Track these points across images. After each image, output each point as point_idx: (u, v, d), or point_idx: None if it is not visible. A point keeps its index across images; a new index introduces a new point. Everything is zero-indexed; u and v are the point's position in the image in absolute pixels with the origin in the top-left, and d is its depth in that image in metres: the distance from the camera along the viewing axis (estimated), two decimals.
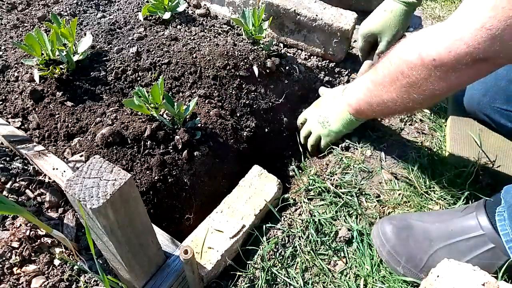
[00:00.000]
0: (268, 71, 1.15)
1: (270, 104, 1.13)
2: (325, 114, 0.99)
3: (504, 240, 0.67)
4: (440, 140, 1.05)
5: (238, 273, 0.77)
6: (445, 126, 1.09)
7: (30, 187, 0.84)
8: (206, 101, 1.01)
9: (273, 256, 0.79)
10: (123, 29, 1.17)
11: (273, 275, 0.77)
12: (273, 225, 0.84)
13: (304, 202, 0.88)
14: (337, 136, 1.00)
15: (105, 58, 1.05)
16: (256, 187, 0.87)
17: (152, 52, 1.07)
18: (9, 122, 0.96)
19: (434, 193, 0.90)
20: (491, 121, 1.01)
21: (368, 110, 0.87)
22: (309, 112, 1.07)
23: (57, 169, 0.83)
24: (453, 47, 0.62)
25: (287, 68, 1.21)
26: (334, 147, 1.02)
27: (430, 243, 0.73)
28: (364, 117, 0.93)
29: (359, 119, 0.94)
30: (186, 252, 0.60)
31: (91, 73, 1.01)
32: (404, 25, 1.10)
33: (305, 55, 1.33)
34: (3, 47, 1.12)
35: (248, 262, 0.78)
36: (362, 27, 1.17)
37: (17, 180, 0.85)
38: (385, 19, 1.09)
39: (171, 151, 0.88)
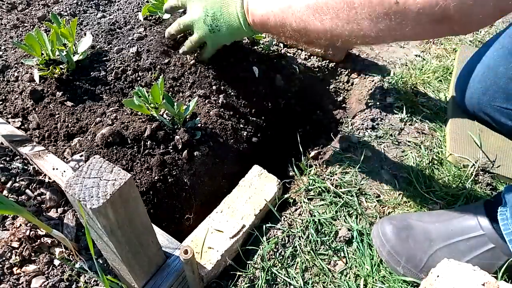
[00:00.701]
0: (268, 71, 1.15)
1: (270, 104, 1.13)
2: (215, 14, 0.79)
3: (507, 240, 0.67)
4: (440, 140, 1.05)
5: (238, 273, 0.77)
6: (445, 126, 1.09)
7: (30, 187, 0.84)
8: (206, 101, 1.01)
9: (273, 256, 0.79)
10: (123, 29, 1.17)
11: (273, 275, 0.77)
12: (273, 225, 0.84)
13: (304, 202, 0.88)
14: (225, 42, 0.84)
15: (105, 58, 1.05)
16: (256, 187, 0.87)
17: (152, 52, 1.07)
18: (9, 122, 0.96)
19: (434, 193, 0.90)
20: (491, 120, 1.01)
21: (277, 28, 0.72)
22: (192, 2, 0.84)
23: (57, 169, 0.83)
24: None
25: (287, 68, 1.21)
26: (334, 147, 1.02)
27: (430, 243, 0.73)
28: (264, 31, 0.77)
29: (256, 31, 0.79)
30: (186, 252, 0.60)
31: (91, 73, 1.01)
32: None
33: (305, 55, 1.33)
34: (3, 47, 1.12)
35: (248, 262, 0.78)
36: None
37: (17, 180, 0.85)
38: None
39: (171, 151, 0.88)
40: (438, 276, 0.53)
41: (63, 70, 1.00)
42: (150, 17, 1.21)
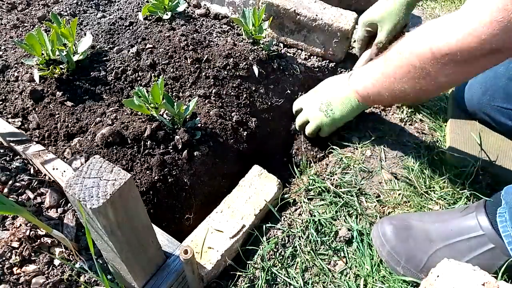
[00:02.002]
0: (268, 71, 1.15)
1: (270, 104, 1.13)
2: (328, 101, 0.97)
3: (506, 242, 0.67)
4: (440, 140, 1.05)
5: (238, 273, 0.77)
6: (445, 126, 1.09)
7: (30, 187, 0.84)
8: (206, 101, 1.01)
9: (273, 256, 0.79)
10: (123, 29, 1.17)
11: (273, 275, 0.77)
12: (273, 225, 0.84)
13: (304, 202, 0.88)
14: (340, 123, 1.00)
15: (105, 58, 1.05)
16: (256, 187, 0.87)
17: (152, 52, 1.07)
18: (9, 122, 0.96)
19: (434, 193, 0.90)
20: (491, 120, 1.01)
21: (377, 97, 0.89)
22: (307, 100, 1.04)
23: (57, 169, 0.83)
24: (465, 41, 0.62)
25: (287, 68, 1.21)
26: (334, 147, 1.02)
27: (430, 243, 0.73)
28: (371, 103, 0.95)
29: (365, 105, 0.96)
30: (186, 252, 0.60)
31: (91, 73, 1.01)
32: (405, 16, 1.09)
33: (305, 55, 1.33)
34: (3, 47, 1.12)
35: (248, 262, 0.78)
36: (363, 15, 1.16)
37: (17, 180, 0.85)
38: (387, 8, 1.09)
39: (171, 151, 0.88)
40: (438, 276, 0.53)
41: (63, 70, 1.00)
42: (150, 17, 1.21)
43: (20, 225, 0.76)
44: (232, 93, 1.06)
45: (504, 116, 0.98)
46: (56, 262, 0.74)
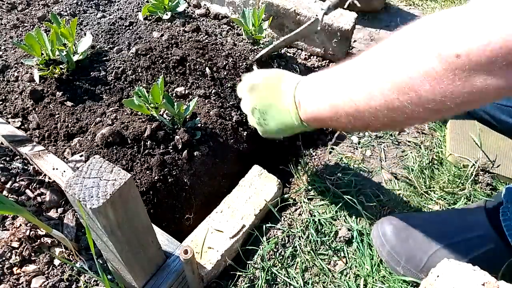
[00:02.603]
0: None
1: None
2: (263, 108, 0.74)
3: (511, 240, 0.67)
4: (440, 140, 1.05)
5: (238, 273, 0.77)
6: (445, 126, 1.09)
7: (30, 187, 0.84)
8: (206, 101, 1.01)
9: (273, 256, 0.79)
10: (123, 29, 1.17)
11: (273, 275, 0.77)
12: (273, 225, 0.84)
13: (304, 202, 0.88)
14: (278, 136, 0.82)
15: (105, 58, 1.05)
16: (256, 187, 0.87)
17: (152, 52, 1.07)
18: (9, 122, 0.96)
19: (434, 193, 0.90)
20: (491, 118, 1.01)
21: (330, 121, 0.63)
22: (244, 93, 0.79)
23: (57, 169, 0.83)
24: (491, 41, 0.41)
25: (287, 68, 1.21)
26: (334, 147, 1.02)
27: (430, 243, 0.74)
28: (318, 126, 0.70)
29: (310, 128, 0.70)
30: (186, 252, 0.60)
31: (91, 73, 1.01)
32: None
33: (305, 55, 1.33)
34: (3, 47, 1.12)
35: (248, 262, 0.78)
36: None
37: (17, 180, 0.85)
38: None
39: (171, 151, 0.88)
40: (438, 276, 0.53)
41: (63, 70, 1.00)
42: (150, 17, 1.21)
43: (20, 225, 0.76)
44: (232, 93, 1.06)
45: (505, 113, 0.98)
46: (56, 262, 0.74)
